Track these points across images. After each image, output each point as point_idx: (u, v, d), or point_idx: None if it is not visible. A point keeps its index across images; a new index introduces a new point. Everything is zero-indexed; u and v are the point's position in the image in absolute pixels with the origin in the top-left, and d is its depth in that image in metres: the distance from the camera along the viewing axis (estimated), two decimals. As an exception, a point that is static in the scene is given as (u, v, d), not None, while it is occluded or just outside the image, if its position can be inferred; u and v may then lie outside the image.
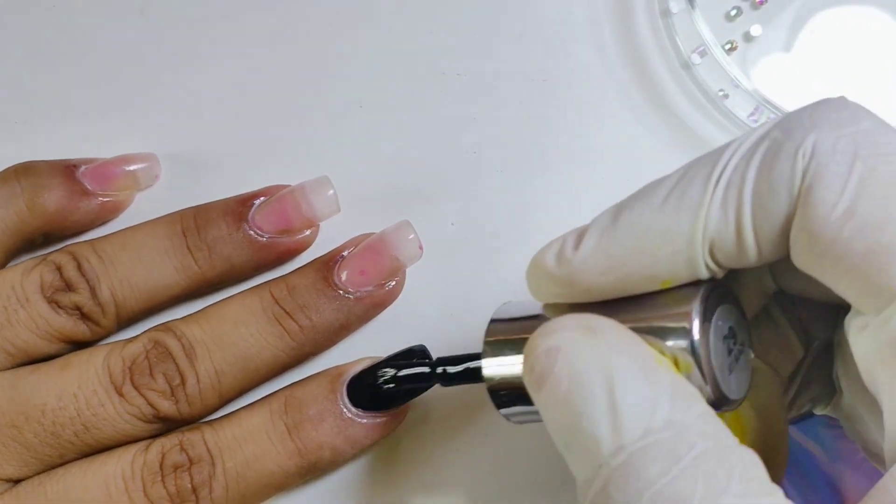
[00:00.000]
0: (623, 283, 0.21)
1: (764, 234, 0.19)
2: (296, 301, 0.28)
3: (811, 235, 0.18)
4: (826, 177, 0.18)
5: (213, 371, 0.28)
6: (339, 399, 0.28)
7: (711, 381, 0.20)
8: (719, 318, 0.21)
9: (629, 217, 0.20)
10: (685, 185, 0.20)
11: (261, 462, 0.27)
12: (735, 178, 0.19)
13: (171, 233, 0.29)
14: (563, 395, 0.19)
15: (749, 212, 0.19)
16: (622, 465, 0.18)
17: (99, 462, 0.27)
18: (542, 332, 0.20)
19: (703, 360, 0.20)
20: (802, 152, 0.19)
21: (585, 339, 0.19)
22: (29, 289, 0.27)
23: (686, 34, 0.32)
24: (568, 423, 0.19)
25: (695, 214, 0.19)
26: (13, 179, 0.29)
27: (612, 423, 0.18)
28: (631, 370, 0.19)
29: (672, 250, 0.20)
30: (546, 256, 0.21)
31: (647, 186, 0.21)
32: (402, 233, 0.29)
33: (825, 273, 0.19)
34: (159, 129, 0.32)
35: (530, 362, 0.20)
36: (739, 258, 0.20)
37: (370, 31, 0.33)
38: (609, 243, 0.20)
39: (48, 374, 0.27)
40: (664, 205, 0.20)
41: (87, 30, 0.33)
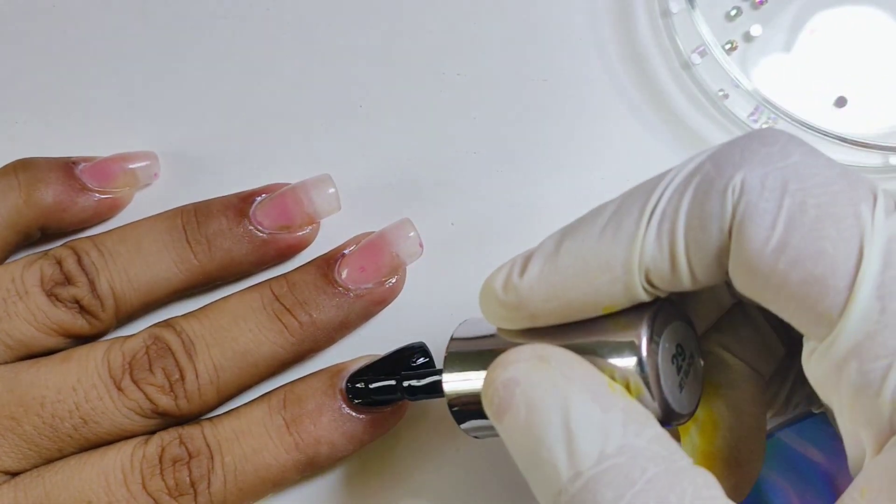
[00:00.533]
0: (566, 309, 0.21)
1: (697, 263, 0.20)
2: (296, 297, 0.28)
3: (748, 270, 0.19)
4: (756, 214, 0.19)
5: (211, 366, 0.28)
6: (337, 395, 0.28)
7: (661, 402, 0.21)
8: (666, 339, 0.21)
9: (569, 246, 0.21)
10: (621, 215, 0.21)
11: (259, 456, 0.27)
12: (668, 210, 0.20)
13: (171, 227, 0.29)
14: (522, 424, 0.20)
15: (682, 244, 0.20)
16: (579, 491, 0.18)
17: (98, 454, 0.27)
18: (499, 364, 0.21)
19: (652, 383, 0.21)
20: (732, 188, 0.19)
21: (539, 370, 0.20)
22: (28, 282, 0.28)
23: (686, 34, 0.32)
24: (528, 451, 0.20)
25: (630, 245, 0.20)
26: (11, 174, 0.29)
27: (568, 450, 0.19)
28: (584, 398, 0.19)
29: (610, 278, 0.20)
30: (495, 282, 0.22)
31: (589, 214, 0.21)
32: (402, 230, 0.29)
33: (769, 303, 0.19)
34: (159, 128, 0.32)
35: (489, 394, 0.21)
36: (676, 284, 0.21)
37: (370, 31, 0.33)
38: (551, 272, 0.21)
39: (48, 367, 0.27)
40: (602, 235, 0.21)
41: (87, 29, 0.33)
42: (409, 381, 0.27)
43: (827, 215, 0.18)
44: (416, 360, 0.28)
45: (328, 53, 0.32)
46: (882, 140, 0.30)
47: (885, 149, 0.30)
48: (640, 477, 0.18)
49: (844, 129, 0.30)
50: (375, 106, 0.32)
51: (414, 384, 0.27)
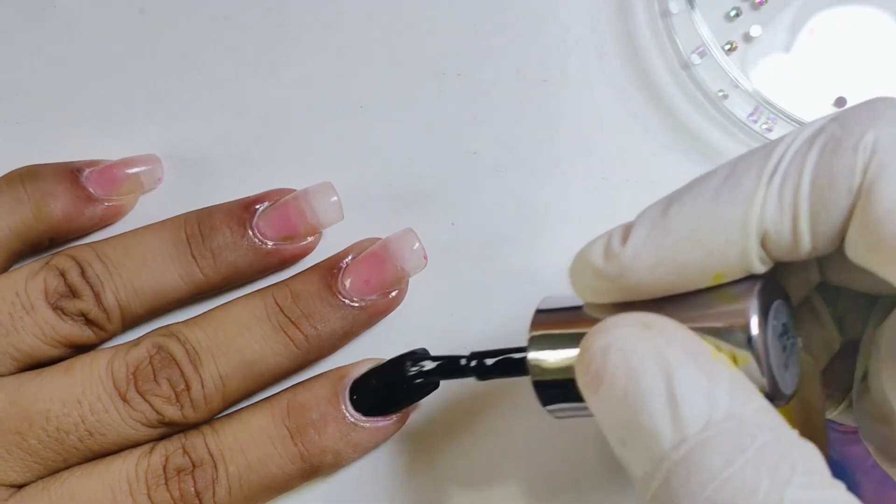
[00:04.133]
0: (674, 276, 0.20)
1: (820, 227, 0.19)
2: (300, 310, 0.28)
3: (872, 230, 0.18)
4: (889, 173, 0.18)
5: (217, 377, 0.28)
6: (341, 403, 0.28)
7: (769, 378, 0.20)
8: (774, 315, 0.21)
9: (680, 209, 0.20)
10: (738, 176, 0.20)
11: (264, 466, 0.27)
12: (792, 170, 0.19)
13: (176, 239, 0.29)
14: (620, 391, 0.19)
15: (806, 205, 0.19)
16: (684, 457, 0.18)
17: (102, 466, 0.27)
18: (598, 329, 0.20)
19: (762, 358, 0.20)
20: (863, 147, 0.19)
21: (642, 336, 0.19)
22: (33, 295, 0.27)
23: (686, 34, 0.32)
24: (626, 419, 0.19)
25: (749, 205, 0.19)
26: (18, 185, 0.29)
27: (672, 417, 0.18)
28: (689, 364, 0.19)
29: (726, 241, 0.20)
30: (592, 251, 0.21)
31: (696, 180, 0.21)
32: (406, 242, 0.29)
33: (884, 267, 0.19)
34: (160, 130, 0.32)
35: (585, 361, 0.20)
36: (791, 251, 0.20)
37: (370, 31, 0.33)
38: (660, 235, 0.20)
39: (51, 379, 0.27)
40: (716, 196, 0.20)
41: (87, 30, 0.32)
42: (478, 359, 0.26)
43: None
44: (420, 366, 0.28)
45: (329, 53, 0.32)
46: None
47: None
48: (751, 444, 0.18)
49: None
50: (376, 106, 0.32)
51: (487, 362, 0.26)
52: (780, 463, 0.17)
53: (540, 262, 0.31)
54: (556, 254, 0.31)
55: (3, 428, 0.27)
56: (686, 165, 0.32)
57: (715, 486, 0.17)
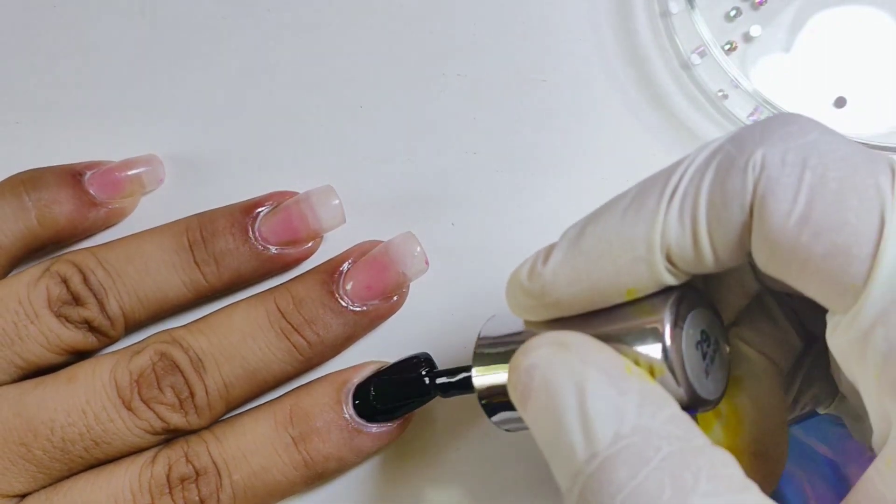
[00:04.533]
0: (590, 293, 0.21)
1: (719, 242, 0.20)
2: (302, 316, 0.28)
3: (771, 245, 0.19)
4: (777, 188, 0.19)
5: (221, 384, 0.28)
6: (344, 409, 0.28)
7: (686, 387, 0.21)
8: (690, 324, 0.22)
9: (593, 229, 0.21)
10: (643, 196, 0.21)
11: (268, 473, 0.27)
12: (690, 189, 0.20)
13: (178, 246, 0.29)
14: (542, 408, 0.20)
15: (704, 222, 0.20)
16: (595, 471, 0.19)
17: (105, 475, 0.27)
18: (521, 351, 0.21)
19: (676, 367, 0.21)
20: (752, 165, 0.19)
21: (558, 355, 0.20)
22: (37, 303, 0.27)
23: (686, 34, 0.32)
24: (548, 434, 0.20)
25: (652, 222, 0.20)
26: (22, 191, 0.29)
27: (584, 432, 0.19)
28: (600, 380, 0.20)
29: (633, 257, 0.21)
30: (521, 271, 0.22)
31: (610, 200, 0.22)
32: (408, 247, 0.29)
33: (792, 279, 0.19)
34: (160, 130, 0.32)
35: (513, 381, 0.21)
36: (698, 265, 0.21)
37: (370, 31, 0.33)
38: (574, 255, 0.21)
39: (54, 389, 0.27)
40: (624, 216, 0.21)
41: (87, 30, 0.33)
42: (440, 377, 0.27)
43: (848, 187, 0.18)
44: (422, 371, 0.28)
45: (329, 54, 0.32)
46: (882, 140, 0.30)
47: (885, 149, 0.30)
48: (655, 455, 0.18)
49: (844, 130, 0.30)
50: (376, 106, 0.32)
51: (447, 381, 0.27)
52: (683, 472, 0.18)
53: (540, 262, 0.31)
54: (556, 254, 0.31)
55: (8, 440, 0.27)
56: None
57: (621, 498, 0.18)
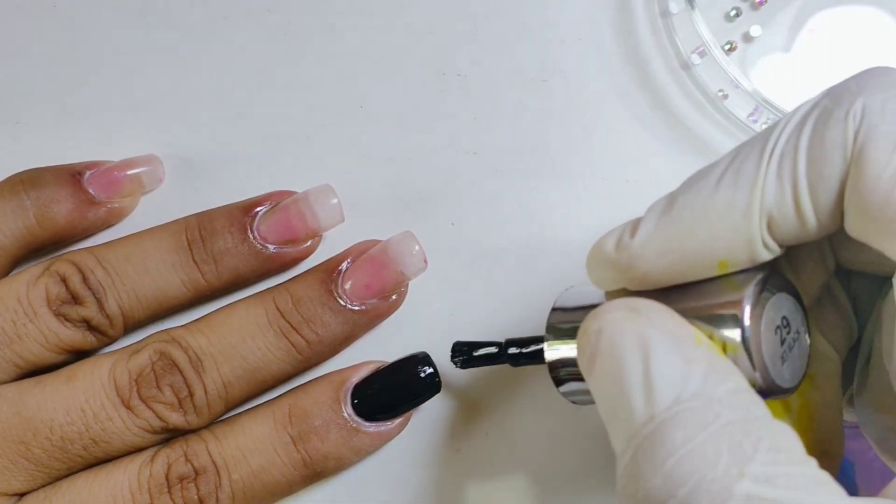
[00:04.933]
0: (680, 264, 0.21)
1: (821, 201, 0.19)
2: (301, 315, 0.28)
3: (863, 196, 0.18)
4: (877, 137, 0.18)
5: (220, 383, 0.28)
6: (343, 409, 0.28)
7: (761, 370, 0.20)
8: (772, 307, 0.21)
9: (685, 199, 0.21)
10: (739, 162, 0.20)
11: (267, 473, 0.27)
12: (788, 149, 0.19)
13: (177, 245, 0.29)
14: (606, 371, 0.20)
15: (805, 180, 0.19)
16: (651, 433, 0.18)
17: (104, 474, 0.27)
18: (592, 315, 0.21)
19: (752, 349, 0.20)
20: (853, 115, 0.19)
21: (628, 319, 0.20)
22: (36, 302, 0.27)
23: (686, 34, 0.32)
24: (610, 398, 0.19)
25: (751, 188, 0.20)
26: (21, 191, 0.29)
27: (645, 395, 0.19)
28: (667, 346, 0.19)
29: (729, 226, 0.20)
30: (605, 243, 0.22)
31: (700, 171, 0.21)
32: (406, 246, 0.29)
33: (877, 237, 0.19)
34: (160, 130, 0.32)
35: (581, 344, 0.21)
36: (798, 231, 0.20)
37: (371, 31, 0.33)
38: (666, 225, 0.21)
39: (54, 388, 0.27)
40: (719, 184, 0.20)
41: (87, 30, 0.32)
42: (512, 347, 0.27)
43: None
44: (422, 370, 0.28)
45: (328, 54, 0.32)
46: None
47: (885, 149, 0.30)
48: (714, 421, 0.18)
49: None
50: (376, 106, 0.32)
51: (519, 351, 0.27)
52: (743, 440, 0.18)
53: (540, 263, 0.31)
54: (556, 254, 0.31)
55: (7, 438, 0.27)
56: (686, 165, 0.32)
57: (674, 461, 0.18)
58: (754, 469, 0.17)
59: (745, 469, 0.17)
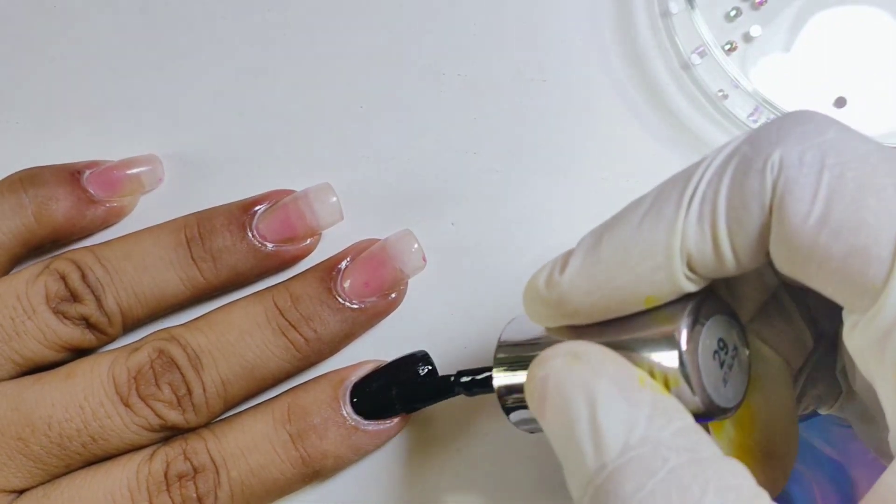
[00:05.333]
0: (607, 301, 0.21)
1: (740, 245, 0.20)
2: (300, 313, 0.28)
3: (790, 246, 0.19)
4: (796, 189, 0.19)
5: (219, 381, 0.28)
6: (342, 407, 0.28)
7: (702, 396, 0.21)
8: (708, 333, 0.21)
9: (609, 237, 0.21)
10: (661, 202, 0.21)
11: (265, 471, 0.27)
12: (709, 193, 0.20)
13: (176, 243, 0.29)
14: (556, 418, 0.20)
15: (724, 225, 0.20)
16: (604, 482, 0.19)
17: (103, 472, 0.27)
18: (537, 361, 0.21)
19: (692, 377, 0.21)
20: (770, 166, 0.19)
21: (571, 366, 0.21)
22: (35, 300, 0.27)
23: (686, 34, 0.32)
24: (562, 443, 0.20)
25: (671, 229, 0.20)
26: (20, 189, 0.29)
27: (594, 442, 0.19)
28: (612, 392, 0.20)
29: (651, 266, 0.20)
30: (538, 280, 0.22)
31: (627, 207, 0.22)
32: (405, 244, 0.29)
33: (810, 279, 0.19)
34: (160, 130, 0.32)
35: (530, 389, 0.21)
36: (719, 269, 0.21)
37: (370, 31, 0.33)
38: (592, 263, 0.21)
39: (53, 385, 0.27)
40: (642, 223, 0.21)
41: (87, 30, 0.33)
42: (465, 376, 0.27)
43: (866, 186, 0.18)
44: (420, 369, 0.28)
45: (328, 54, 0.32)
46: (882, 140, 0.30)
47: (885, 149, 0.30)
48: (662, 467, 0.18)
49: (844, 130, 0.30)
50: (375, 106, 0.32)
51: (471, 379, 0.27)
52: (692, 483, 0.18)
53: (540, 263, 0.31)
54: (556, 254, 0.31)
55: (6, 434, 0.27)
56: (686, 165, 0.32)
57: None
58: None
59: None
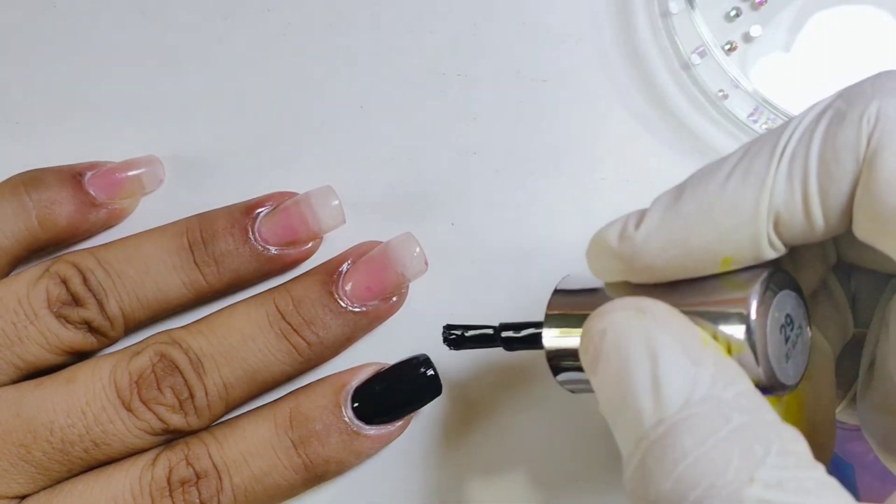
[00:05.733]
0: (684, 259, 0.20)
1: (830, 203, 0.19)
2: (302, 316, 0.28)
3: (875, 201, 0.18)
4: (891, 142, 0.18)
5: (221, 385, 0.28)
6: (344, 413, 0.28)
7: (766, 369, 0.20)
8: (777, 306, 0.21)
9: (692, 193, 0.20)
10: (750, 159, 0.20)
11: (268, 477, 0.27)
12: (800, 149, 0.19)
13: (179, 247, 0.29)
14: (612, 372, 0.19)
15: (815, 181, 0.19)
16: (660, 437, 0.18)
17: (105, 477, 0.27)
18: (596, 314, 0.20)
19: (758, 349, 0.20)
20: (867, 118, 0.19)
21: (634, 320, 0.20)
22: (36, 304, 0.27)
23: (686, 35, 0.32)
24: (616, 399, 0.19)
25: (760, 187, 0.19)
26: (22, 192, 0.28)
27: (653, 399, 0.18)
28: (675, 348, 0.19)
29: (736, 223, 0.20)
30: (608, 233, 0.21)
31: (709, 165, 0.21)
32: (407, 248, 0.29)
33: (885, 241, 0.19)
34: (160, 130, 0.32)
35: (585, 344, 0.20)
36: (805, 231, 0.20)
37: (370, 31, 0.33)
38: (672, 219, 0.20)
39: (54, 390, 0.27)
40: (728, 180, 0.20)
41: (87, 30, 0.32)
42: (507, 331, 0.26)
43: None
44: (423, 372, 0.28)
45: (328, 54, 0.32)
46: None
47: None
48: (724, 426, 0.18)
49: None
50: (376, 106, 0.32)
51: (514, 335, 0.26)
52: (753, 444, 0.18)
53: (540, 263, 0.31)
54: (556, 254, 0.31)
55: (7, 441, 0.27)
56: (686, 165, 0.32)
57: (685, 465, 0.17)
58: (764, 473, 0.17)
59: (755, 474, 0.17)
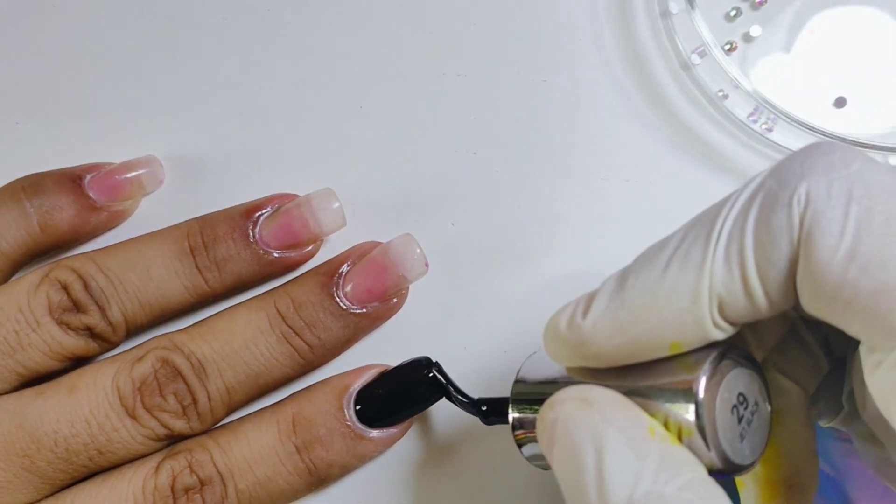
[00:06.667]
0: (631, 346, 0.21)
1: (771, 283, 0.20)
2: (303, 319, 0.28)
3: (816, 281, 0.19)
4: (823, 222, 0.18)
5: (224, 389, 0.28)
6: (346, 417, 0.28)
7: (718, 453, 0.20)
8: (726, 387, 0.21)
9: (634, 280, 0.21)
10: (688, 245, 0.20)
11: (272, 482, 0.27)
12: (735, 232, 0.20)
13: (180, 251, 0.29)
14: (564, 462, 0.20)
15: (752, 263, 0.19)
16: None
17: (108, 485, 0.27)
18: (548, 404, 0.21)
19: (707, 433, 0.20)
20: (797, 199, 0.19)
21: (580, 411, 0.20)
22: (38, 311, 0.27)
23: (686, 35, 0.32)
24: (570, 485, 0.20)
25: (699, 272, 0.20)
26: (23, 198, 0.28)
27: (599, 493, 0.19)
28: (619, 441, 0.19)
29: (678, 309, 0.20)
30: (559, 320, 0.22)
31: (650, 249, 0.21)
32: (407, 250, 0.29)
33: (836, 317, 0.19)
34: (160, 131, 0.32)
35: (540, 431, 0.21)
36: (750, 311, 0.20)
37: (370, 31, 0.33)
38: (616, 307, 0.21)
39: (56, 399, 0.27)
40: (668, 266, 0.20)
41: (87, 30, 0.32)
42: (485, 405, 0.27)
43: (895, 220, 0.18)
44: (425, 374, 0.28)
45: (328, 54, 0.32)
46: (882, 140, 0.30)
47: (885, 149, 0.30)
48: None
49: (844, 130, 0.30)
50: (375, 106, 0.32)
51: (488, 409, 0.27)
52: None
53: (540, 263, 0.31)
54: (556, 254, 0.31)
55: (11, 452, 0.26)
56: (686, 165, 0.32)
57: None
58: None
59: None
